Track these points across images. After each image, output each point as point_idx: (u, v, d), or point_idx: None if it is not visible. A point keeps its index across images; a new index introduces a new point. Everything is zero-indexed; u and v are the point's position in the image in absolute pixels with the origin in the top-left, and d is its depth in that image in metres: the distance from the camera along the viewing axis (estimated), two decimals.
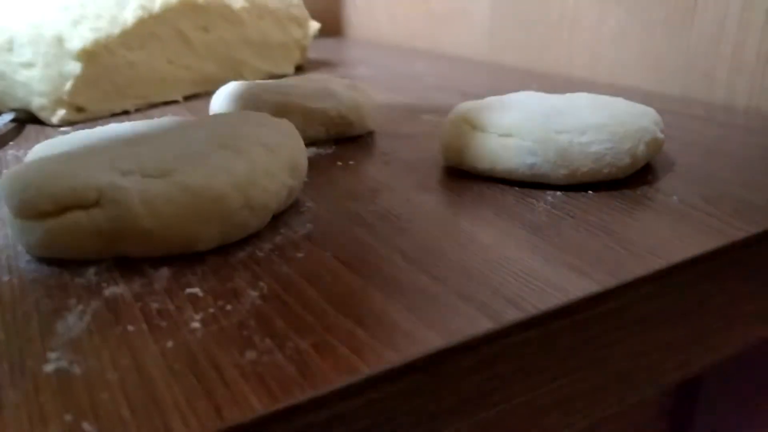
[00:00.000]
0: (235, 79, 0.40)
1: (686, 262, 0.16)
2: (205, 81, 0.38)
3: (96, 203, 0.15)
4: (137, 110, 0.33)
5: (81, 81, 0.30)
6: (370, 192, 0.21)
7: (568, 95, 0.25)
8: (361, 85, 0.29)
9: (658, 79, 0.38)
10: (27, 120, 0.30)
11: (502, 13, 0.49)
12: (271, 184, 0.17)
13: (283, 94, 0.26)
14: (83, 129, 0.20)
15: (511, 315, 0.13)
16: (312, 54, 0.50)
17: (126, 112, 0.33)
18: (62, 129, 0.29)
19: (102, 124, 0.30)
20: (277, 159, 0.17)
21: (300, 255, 0.16)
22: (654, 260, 0.16)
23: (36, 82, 0.29)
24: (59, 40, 0.29)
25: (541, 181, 0.20)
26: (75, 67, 0.30)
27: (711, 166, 0.23)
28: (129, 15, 0.32)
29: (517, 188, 0.21)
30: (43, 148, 0.18)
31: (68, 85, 0.29)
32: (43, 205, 0.15)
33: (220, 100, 0.27)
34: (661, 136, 0.22)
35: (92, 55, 0.30)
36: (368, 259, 0.16)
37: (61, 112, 0.30)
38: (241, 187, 0.16)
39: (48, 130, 0.29)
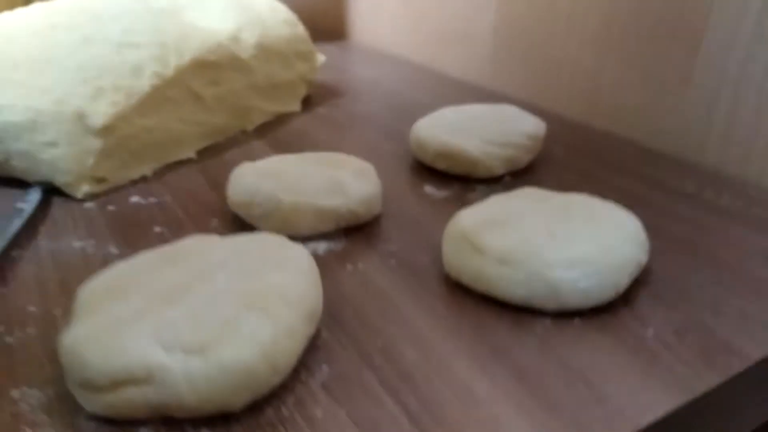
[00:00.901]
0: (244, 126, 0.41)
1: (649, 425, 0.18)
2: (215, 132, 0.39)
3: (146, 381, 0.17)
4: (154, 173, 0.35)
5: (102, 155, 0.31)
6: (379, 314, 0.23)
7: (568, 197, 0.27)
8: (368, 169, 0.31)
9: (653, 132, 0.40)
10: (51, 191, 0.32)
11: (504, 43, 0.50)
12: (293, 343, 0.19)
13: (296, 194, 0.27)
14: (121, 261, 0.22)
15: None
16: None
17: (144, 178, 0.34)
18: (86, 205, 0.31)
19: (122, 193, 0.32)
20: (298, 313, 0.20)
21: (319, 415, 0.18)
22: (621, 424, 0.18)
23: (60, 160, 0.31)
24: (80, 117, 0.31)
25: (533, 308, 0.23)
26: (96, 143, 0.31)
27: (691, 278, 0.25)
28: (145, 83, 0.33)
29: (512, 311, 0.23)
30: (92, 289, 0.20)
31: (90, 161, 0.31)
32: (101, 383, 0.17)
33: (239, 194, 0.29)
34: (645, 259, 0.24)
35: (112, 129, 0.32)
36: (378, 420, 0.18)
37: (85, 188, 0.31)
38: (268, 354, 0.18)
39: (73, 205, 0.31)
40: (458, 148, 0.33)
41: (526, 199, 0.27)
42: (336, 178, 0.29)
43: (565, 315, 0.23)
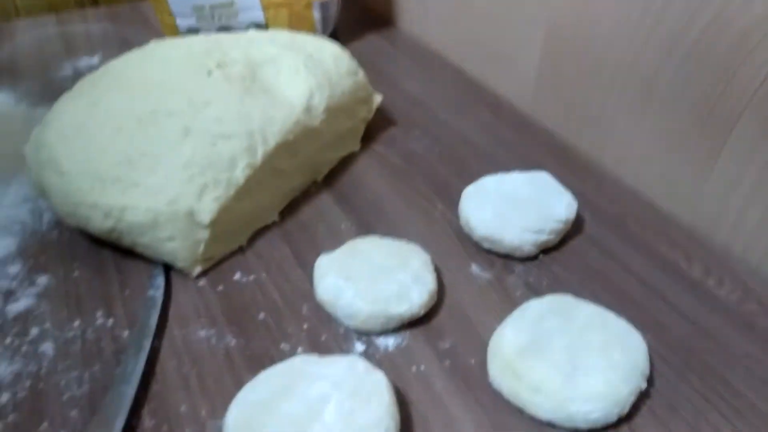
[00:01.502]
0: (315, 178, 0.47)
1: None
2: (292, 192, 0.45)
3: None
4: (247, 242, 0.42)
5: (209, 242, 0.38)
6: (440, 422, 0.31)
7: (589, 314, 0.34)
8: (426, 265, 0.37)
9: (672, 197, 0.45)
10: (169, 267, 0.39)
11: (548, 78, 0.53)
12: None
13: (372, 302, 0.34)
14: (249, 387, 0.30)
15: None
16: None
17: (240, 247, 0.41)
18: (200, 283, 0.39)
19: (225, 269, 0.39)
20: None
21: None
22: None
23: (177, 251, 0.38)
24: (191, 215, 0.37)
25: (554, 425, 0.30)
26: (205, 234, 0.38)
27: (682, 391, 0.32)
28: (240, 174, 0.39)
29: (539, 424, 0.31)
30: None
31: (201, 249, 0.38)
32: None
33: (324, 293, 0.36)
34: (645, 386, 0.31)
35: (216, 221, 0.38)
36: None
37: (198, 268, 0.39)
38: None
39: (189, 283, 0.39)
40: (500, 236, 0.39)
41: (555, 317, 0.34)
42: (402, 284, 0.36)
43: (580, 430, 0.30)
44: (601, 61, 0.47)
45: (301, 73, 0.46)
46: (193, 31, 0.63)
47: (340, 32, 0.70)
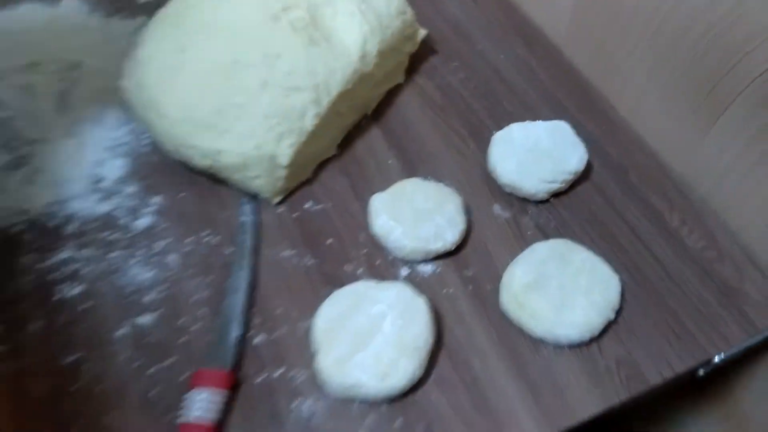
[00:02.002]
0: (366, 112, 0.55)
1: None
2: (346, 127, 0.54)
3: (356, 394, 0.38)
4: (313, 173, 0.51)
5: (286, 178, 0.48)
6: (462, 333, 0.43)
7: (583, 259, 0.44)
8: (458, 211, 0.47)
9: (671, 152, 0.53)
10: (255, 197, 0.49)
11: (582, 15, 0.58)
12: (420, 367, 0.40)
13: (416, 240, 0.45)
14: (326, 303, 0.42)
15: None
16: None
17: (308, 179, 0.51)
18: (279, 210, 0.49)
19: (297, 198, 0.49)
20: (426, 351, 0.40)
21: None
22: (567, 413, 0.39)
23: (262, 186, 0.47)
24: (272, 158, 0.46)
25: (545, 341, 0.42)
26: (283, 172, 0.47)
27: (643, 323, 0.44)
28: (308, 123, 0.47)
29: (533, 340, 0.43)
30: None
31: (280, 184, 0.48)
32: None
33: (378, 230, 0.46)
34: (613, 317, 0.43)
35: (291, 162, 0.47)
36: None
37: (277, 198, 0.49)
38: (414, 380, 0.39)
39: (270, 209, 0.49)
40: (520, 185, 0.49)
41: (554, 259, 0.44)
42: (438, 226, 0.46)
43: (560, 346, 0.42)
44: (632, 16, 0.52)
45: (356, 17, 0.52)
46: None
47: None
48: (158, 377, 0.40)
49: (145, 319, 0.43)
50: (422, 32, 0.58)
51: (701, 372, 0.44)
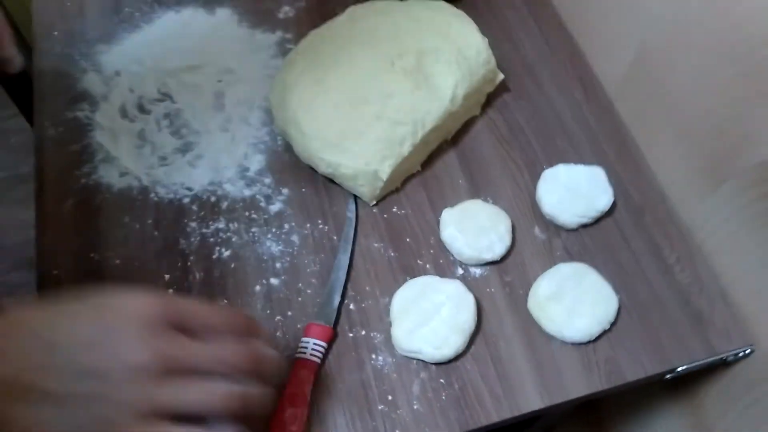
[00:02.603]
0: (446, 138, 0.70)
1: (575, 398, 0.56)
2: (429, 149, 0.69)
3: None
4: (402, 184, 0.67)
5: (382, 188, 0.64)
6: (496, 322, 0.59)
7: (592, 281, 0.60)
8: (507, 230, 0.63)
9: (681, 201, 0.67)
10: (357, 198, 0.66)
11: (637, 73, 0.71)
12: (464, 343, 0.57)
13: (477, 251, 0.61)
14: (404, 287, 0.59)
15: None
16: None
17: (397, 189, 0.67)
18: (374, 210, 0.65)
19: (388, 203, 0.66)
20: (469, 332, 0.57)
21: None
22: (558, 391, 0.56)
23: (366, 192, 0.64)
24: (376, 173, 0.63)
25: (555, 337, 0.59)
26: (381, 184, 0.64)
27: (631, 332, 0.59)
28: (406, 149, 0.63)
29: (546, 334, 0.59)
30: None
31: (378, 192, 0.64)
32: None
33: (446, 240, 0.62)
34: (608, 327, 0.58)
35: (389, 177, 0.63)
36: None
37: (373, 201, 0.65)
38: (459, 352, 0.56)
39: (368, 209, 0.65)
40: (558, 216, 0.64)
41: (572, 278, 0.60)
42: (491, 241, 0.62)
43: (565, 343, 0.58)
44: (670, 89, 0.65)
45: (452, 65, 0.66)
46: None
47: None
48: (281, 323, 0.59)
49: (275, 281, 0.61)
50: (500, 76, 0.72)
51: (668, 376, 0.60)
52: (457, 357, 0.57)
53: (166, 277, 0.60)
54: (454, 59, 0.66)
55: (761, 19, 0.52)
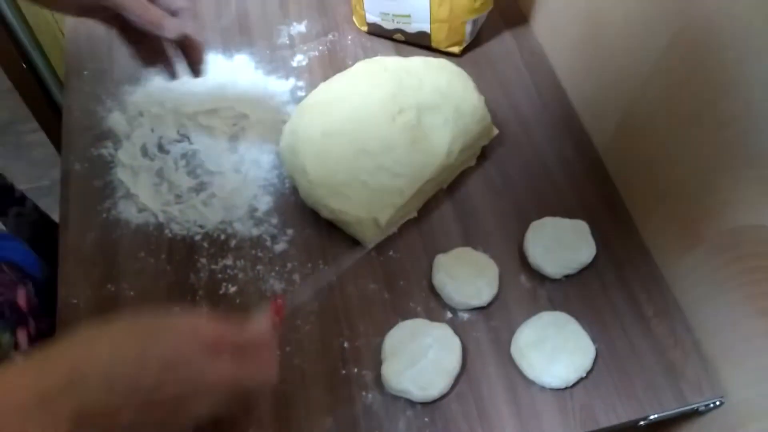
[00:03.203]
0: (442, 186, 0.75)
1: None
2: (426, 197, 0.74)
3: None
4: (399, 229, 0.72)
5: (380, 233, 0.69)
6: (479, 364, 0.64)
7: (571, 331, 0.64)
8: (494, 277, 0.67)
9: (661, 258, 0.71)
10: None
11: (624, 135, 0.76)
12: (449, 383, 0.61)
13: (465, 297, 0.65)
14: (398, 327, 0.63)
15: None
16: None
17: (394, 233, 0.72)
18: (371, 253, 0.70)
19: (385, 246, 0.70)
20: (454, 375, 0.61)
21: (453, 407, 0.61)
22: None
23: (365, 235, 0.69)
24: (376, 221, 0.68)
25: (534, 383, 0.63)
26: (379, 230, 0.68)
27: (606, 380, 0.63)
28: (402, 198, 0.68)
29: (527, 380, 0.63)
30: None
31: (375, 236, 0.69)
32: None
33: (437, 284, 0.67)
34: (584, 375, 0.62)
35: (387, 223, 0.68)
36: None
37: (371, 245, 0.70)
38: (443, 392, 0.60)
39: (366, 251, 0.70)
40: (543, 267, 0.68)
41: (553, 326, 0.64)
42: (479, 288, 0.66)
43: (544, 389, 0.62)
44: (653, 153, 0.70)
45: (449, 123, 0.71)
46: (375, 26, 0.86)
47: (482, 33, 0.90)
48: (279, 359, 0.63)
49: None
50: (495, 131, 0.77)
51: (642, 423, 0.64)
52: (442, 397, 0.61)
53: (176, 309, 0.65)
54: (452, 116, 0.71)
55: (736, 94, 0.56)
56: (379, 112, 0.70)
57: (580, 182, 0.77)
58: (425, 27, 0.84)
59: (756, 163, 0.55)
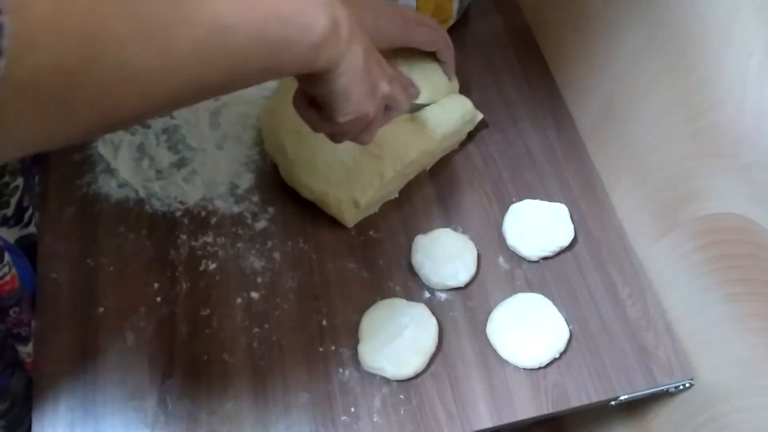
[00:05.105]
0: (425, 169, 0.75)
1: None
2: (408, 179, 0.74)
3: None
4: (379, 209, 0.72)
5: (361, 213, 0.69)
6: (454, 344, 0.65)
7: (546, 313, 0.65)
8: (473, 258, 0.68)
9: (636, 240, 0.72)
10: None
11: (607, 115, 0.76)
12: (423, 363, 0.62)
13: (442, 278, 0.66)
14: (375, 307, 0.64)
15: None
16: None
17: (374, 213, 0.72)
18: (351, 232, 0.70)
19: (365, 225, 0.71)
20: (429, 352, 0.62)
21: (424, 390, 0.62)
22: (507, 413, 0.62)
23: (344, 215, 0.69)
24: (355, 200, 0.68)
25: (507, 362, 0.64)
26: (358, 212, 0.69)
27: (577, 358, 0.65)
28: (383, 180, 0.68)
29: (498, 357, 0.64)
30: None
31: (355, 216, 0.69)
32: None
33: (416, 263, 0.67)
34: (557, 356, 0.64)
35: (366, 204, 0.68)
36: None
37: (351, 224, 0.70)
38: (419, 370, 0.61)
39: (346, 230, 0.70)
40: (521, 248, 0.69)
41: (528, 307, 0.65)
42: (456, 268, 0.67)
43: (517, 368, 0.64)
44: (634, 137, 0.70)
45: (435, 110, 0.71)
46: None
47: (470, 13, 0.89)
48: (258, 335, 0.64)
49: (255, 294, 0.66)
50: (479, 116, 0.77)
51: (612, 403, 0.65)
52: (417, 375, 0.62)
53: (156, 285, 0.66)
54: (444, 116, 0.71)
55: (715, 83, 0.56)
56: None
57: (561, 165, 0.77)
58: (411, 2, 0.83)
59: (728, 152, 0.55)
